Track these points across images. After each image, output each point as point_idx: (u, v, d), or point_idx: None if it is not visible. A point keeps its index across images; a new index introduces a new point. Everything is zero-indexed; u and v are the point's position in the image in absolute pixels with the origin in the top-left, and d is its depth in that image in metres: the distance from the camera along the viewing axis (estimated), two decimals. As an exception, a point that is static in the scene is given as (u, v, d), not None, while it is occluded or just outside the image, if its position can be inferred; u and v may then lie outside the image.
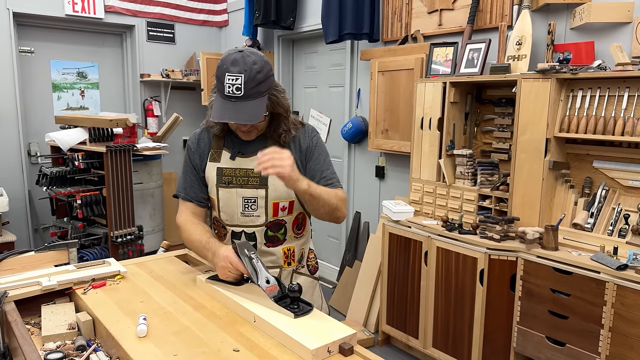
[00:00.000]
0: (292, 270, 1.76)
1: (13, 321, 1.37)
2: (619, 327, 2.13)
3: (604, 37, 2.57)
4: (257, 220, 1.67)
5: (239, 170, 1.65)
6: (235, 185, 1.65)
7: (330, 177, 1.66)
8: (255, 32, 4.68)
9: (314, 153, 1.67)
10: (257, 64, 1.46)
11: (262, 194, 1.63)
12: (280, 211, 1.67)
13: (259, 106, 1.48)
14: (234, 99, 1.46)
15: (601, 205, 2.48)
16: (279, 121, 1.62)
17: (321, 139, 1.72)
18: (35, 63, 4.63)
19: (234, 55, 1.46)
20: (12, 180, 4.33)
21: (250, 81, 1.44)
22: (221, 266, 1.49)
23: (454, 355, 2.80)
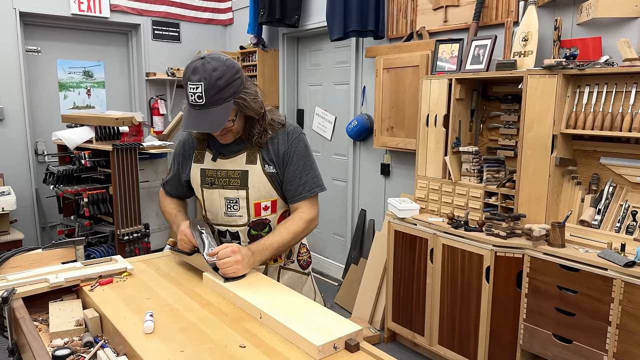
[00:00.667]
0: (278, 266, 1.78)
1: (21, 318, 1.39)
2: (627, 324, 2.12)
3: (611, 32, 2.55)
4: (239, 220, 1.70)
5: (220, 171, 1.68)
6: (218, 186, 1.69)
7: (306, 185, 1.67)
8: (260, 30, 4.68)
9: (292, 159, 1.66)
10: (218, 70, 1.45)
11: (243, 195, 1.66)
12: (263, 210, 1.69)
13: (222, 113, 1.49)
14: (197, 107, 1.48)
15: (608, 202, 2.46)
16: (252, 123, 1.62)
17: (303, 139, 1.70)
18: (42, 62, 4.66)
19: (195, 63, 1.47)
20: (20, 179, 4.37)
21: (211, 88, 1.45)
22: (179, 238, 1.72)
23: (460, 353, 2.80)
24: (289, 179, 1.67)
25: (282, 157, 1.66)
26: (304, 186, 1.67)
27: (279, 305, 1.37)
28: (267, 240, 1.63)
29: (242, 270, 1.53)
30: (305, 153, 1.69)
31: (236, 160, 1.66)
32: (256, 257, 1.59)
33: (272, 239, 1.63)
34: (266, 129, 1.63)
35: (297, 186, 1.67)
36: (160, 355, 1.16)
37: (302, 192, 1.67)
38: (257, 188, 1.65)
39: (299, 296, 1.47)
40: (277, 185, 1.68)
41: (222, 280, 1.52)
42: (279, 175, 1.67)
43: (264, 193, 1.67)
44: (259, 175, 1.65)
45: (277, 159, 1.66)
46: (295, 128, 1.71)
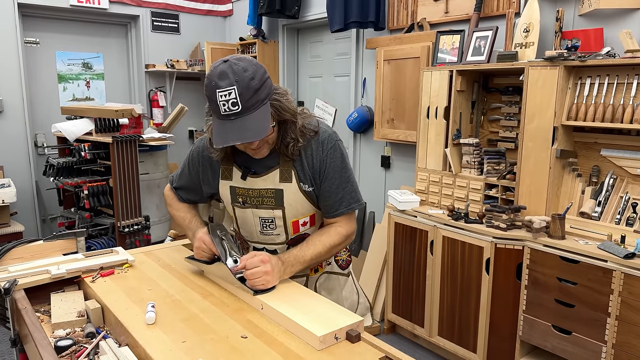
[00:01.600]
0: (318, 276, 1.65)
1: (23, 309, 1.39)
2: (626, 316, 2.13)
3: (613, 23, 2.54)
4: (277, 239, 1.56)
5: (252, 190, 1.50)
6: (251, 206, 1.53)
7: (343, 201, 1.51)
8: (259, 21, 4.66)
9: (328, 172, 1.48)
10: (248, 71, 1.27)
11: (280, 214, 1.51)
12: (302, 227, 1.55)
13: (263, 117, 1.30)
14: (232, 116, 1.28)
15: (609, 194, 2.46)
16: (285, 129, 1.42)
17: (339, 148, 1.50)
18: (41, 54, 4.64)
19: (220, 67, 1.29)
20: (20, 171, 4.36)
21: (246, 91, 1.26)
22: (196, 246, 1.55)
23: (459, 344, 2.81)
24: (325, 194, 1.50)
25: (317, 171, 1.48)
26: (341, 202, 1.51)
27: (280, 296, 1.38)
28: (300, 252, 1.47)
29: (272, 281, 1.39)
30: (341, 165, 1.50)
31: (269, 178, 1.48)
32: (287, 268, 1.44)
33: (305, 251, 1.47)
34: (298, 137, 1.42)
35: (334, 202, 1.50)
36: (162, 345, 1.17)
37: (338, 209, 1.51)
38: (293, 207, 1.50)
39: (300, 287, 1.48)
40: (314, 202, 1.53)
41: (252, 292, 1.38)
42: (316, 192, 1.51)
43: (302, 210, 1.51)
44: (295, 194, 1.49)
45: (312, 174, 1.48)
46: (331, 135, 1.50)
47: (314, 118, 1.50)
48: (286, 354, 1.14)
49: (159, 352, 1.14)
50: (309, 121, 1.48)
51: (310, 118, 1.49)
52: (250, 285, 1.39)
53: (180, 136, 5.31)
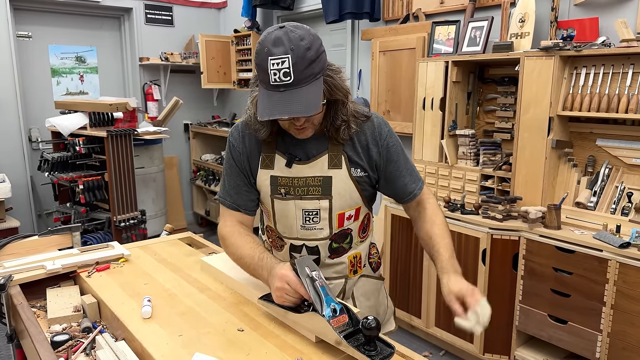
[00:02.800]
0: (358, 277, 1.54)
1: (19, 304, 1.39)
2: (621, 305, 2.14)
3: (609, 13, 2.53)
4: (319, 234, 1.42)
5: (297, 179, 1.37)
6: (294, 197, 1.38)
7: (413, 182, 1.44)
8: (254, 13, 4.62)
9: (392, 155, 1.39)
10: (305, 40, 1.15)
11: (326, 205, 1.38)
12: (346, 220, 1.43)
13: (314, 92, 1.18)
14: (282, 87, 1.16)
15: (604, 184, 2.47)
16: (336, 111, 1.30)
17: (393, 133, 1.42)
18: (33, 48, 4.59)
19: (275, 32, 1.17)
20: (14, 167, 4.34)
21: (300, 62, 1.14)
22: (277, 287, 1.22)
23: (456, 335, 2.83)
24: (392, 178, 1.41)
25: (374, 157, 1.38)
26: (411, 184, 1.43)
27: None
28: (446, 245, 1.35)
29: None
30: (400, 147, 1.43)
31: (317, 165, 1.35)
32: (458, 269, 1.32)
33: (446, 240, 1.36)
34: (349, 121, 1.31)
35: (404, 185, 1.43)
36: (158, 339, 1.17)
37: (412, 190, 1.44)
38: (342, 196, 1.37)
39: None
40: (364, 191, 1.42)
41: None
42: (370, 179, 1.41)
43: (350, 201, 1.39)
44: (345, 182, 1.37)
45: (368, 160, 1.38)
46: (383, 120, 1.42)
47: (363, 105, 1.42)
48: (283, 346, 1.15)
49: (155, 346, 1.14)
50: (360, 106, 1.39)
51: (359, 105, 1.39)
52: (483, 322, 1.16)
53: (175, 130, 5.29)
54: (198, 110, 5.50)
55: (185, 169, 5.54)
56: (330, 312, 1.12)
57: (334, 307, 1.13)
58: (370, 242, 1.60)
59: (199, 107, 5.50)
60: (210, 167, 5.16)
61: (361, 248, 1.52)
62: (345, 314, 1.14)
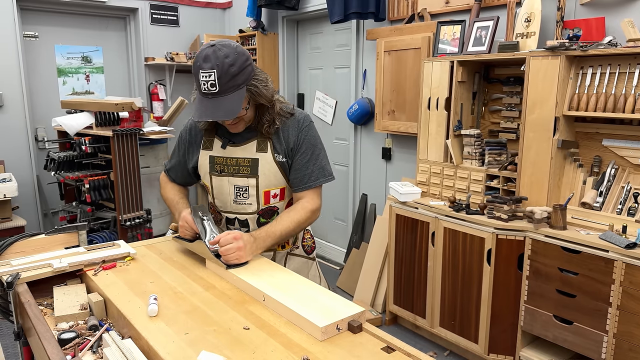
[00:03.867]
0: (286, 252, 1.79)
1: (26, 302, 1.39)
2: (627, 305, 2.13)
3: (615, 12, 2.52)
4: (249, 208, 1.70)
5: (230, 159, 1.66)
6: (227, 174, 1.68)
7: (312, 175, 1.66)
8: (259, 12, 4.63)
9: (301, 147, 1.65)
10: (230, 57, 1.43)
11: (253, 183, 1.66)
12: (272, 198, 1.69)
13: (236, 100, 1.47)
14: (210, 95, 1.46)
15: (610, 184, 2.46)
16: (262, 112, 1.60)
17: (313, 128, 1.70)
18: (40, 48, 4.62)
19: (206, 50, 1.45)
20: (21, 166, 4.36)
21: (224, 76, 1.43)
22: (180, 225, 1.69)
23: (461, 335, 2.82)
24: (296, 167, 1.66)
25: (291, 146, 1.65)
26: (310, 176, 1.66)
27: (282, 287, 1.38)
28: (270, 227, 1.62)
29: (244, 257, 1.52)
30: (313, 142, 1.68)
31: (246, 148, 1.65)
32: (259, 243, 1.58)
33: (275, 227, 1.62)
34: (274, 119, 1.61)
35: (303, 175, 1.66)
36: (164, 337, 1.17)
37: (307, 182, 1.67)
38: (267, 176, 1.65)
39: (302, 279, 1.48)
40: (286, 174, 1.68)
41: (225, 267, 1.51)
42: (289, 164, 1.67)
43: (274, 181, 1.66)
44: (270, 164, 1.64)
45: (287, 148, 1.65)
46: (305, 116, 1.69)
47: (290, 104, 1.70)
48: (288, 344, 1.15)
49: (161, 344, 1.14)
50: (285, 105, 1.66)
51: (286, 103, 1.68)
52: (224, 260, 1.51)
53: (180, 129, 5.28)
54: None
55: (190, 169, 5.55)
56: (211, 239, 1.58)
57: (214, 236, 1.58)
58: None
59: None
60: (215, 167, 5.16)
61: None
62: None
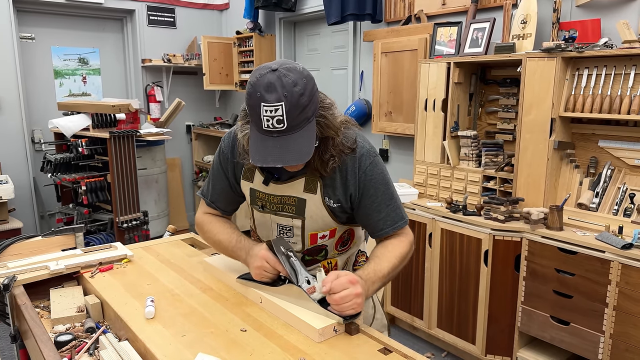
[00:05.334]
0: None
1: (23, 304, 1.39)
2: (624, 306, 2.14)
3: (611, 14, 2.53)
4: (294, 246, 1.43)
5: (273, 197, 1.40)
6: (270, 211, 1.42)
7: (388, 219, 1.38)
8: (256, 14, 4.63)
9: (368, 189, 1.34)
10: (299, 85, 1.13)
11: (299, 224, 1.40)
12: (320, 239, 1.43)
13: (307, 137, 1.18)
14: (275, 133, 1.15)
15: (606, 185, 2.47)
16: (326, 146, 1.28)
17: (378, 164, 1.37)
18: (36, 49, 4.61)
19: (268, 76, 1.13)
20: (17, 168, 4.35)
21: (294, 109, 1.12)
22: (257, 266, 1.34)
23: (458, 336, 2.83)
24: (366, 212, 1.37)
25: (350, 190, 1.35)
26: (385, 220, 1.38)
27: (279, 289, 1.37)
28: (377, 266, 1.31)
29: (362, 305, 1.21)
30: (382, 181, 1.36)
31: (293, 186, 1.36)
32: (369, 287, 1.27)
33: (381, 264, 1.32)
34: (336, 156, 1.29)
35: (377, 221, 1.38)
36: (162, 339, 1.17)
37: (383, 228, 1.38)
38: (314, 219, 1.38)
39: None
40: (337, 218, 1.40)
41: (341, 320, 1.20)
42: (343, 209, 1.39)
43: (322, 225, 1.40)
44: (318, 207, 1.36)
45: (343, 192, 1.35)
46: (368, 151, 1.35)
47: (353, 130, 1.35)
48: (286, 346, 1.15)
49: (158, 346, 1.14)
50: (348, 135, 1.32)
51: (349, 131, 1.34)
52: (338, 310, 1.20)
53: (177, 131, 5.30)
54: (200, 112, 5.51)
55: (188, 170, 5.55)
56: (306, 283, 1.29)
57: (307, 278, 1.29)
58: (356, 250, 1.59)
59: (201, 108, 5.51)
60: (212, 169, 5.15)
61: (339, 257, 1.53)
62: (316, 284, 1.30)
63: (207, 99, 5.54)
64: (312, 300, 1.24)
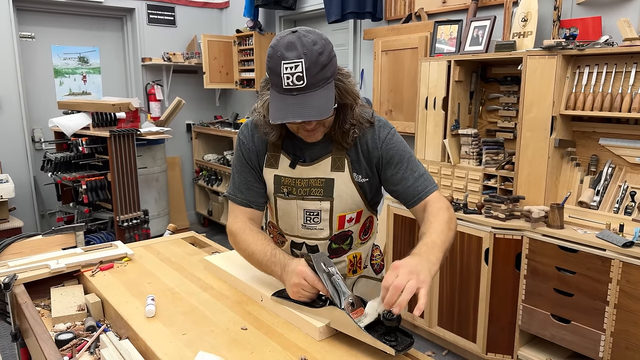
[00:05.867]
0: (356, 277, 1.54)
1: (23, 303, 1.39)
2: (624, 304, 2.14)
3: (612, 12, 2.52)
4: (320, 234, 1.43)
5: (300, 180, 1.39)
6: (296, 197, 1.40)
7: (420, 184, 1.35)
8: (256, 13, 4.63)
9: (394, 157, 1.35)
10: (318, 44, 1.17)
11: (327, 207, 1.39)
12: (347, 223, 1.43)
13: (327, 96, 1.20)
14: (295, 91, 1.17)
15: (607, 183, 2.47)
16: (345, 114, 1.30)
17: (396, 135, 1.39)
18: (36, 48, 4.61)
19: (288, 37, 1.18)
20: (17, 167, 4.35)
21: (313, 66, 1.16)
22: (294, 283, 1.24)
23: (459, 334, 2.83)
24: (395, 181, 1.36)
25: (375, 161, 1.37)
26: (415, 187, 1.35)
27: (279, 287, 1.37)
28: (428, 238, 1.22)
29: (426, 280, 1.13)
30: (404, 149, 1.37)
31: (320, 167, 1.37)
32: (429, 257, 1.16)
33: (431, 236, 1.23)
34: (356, 125, 1.32)
35: (407, 188, 1.35)
36: (162, 338, 1.17)
37: (415, 194, 1.35)
38: (343, 199, 1.38)
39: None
40: (366, 196, 1.42)
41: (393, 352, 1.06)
42: (371, 184, 1.40)
43: (351, 204, 1.40)
44: (347, 185, 1.37)
45: (368, 165, 1.37)
46: (385, 123, 1.39)
47: (368, 108, 1.39)
48: (286, 344, 1.15)
49: (159, 344, 1.14)
50: (365, 110, 1.36)
51: (365, 107, 1.37)
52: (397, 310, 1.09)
53: (177, 130, 5.30)
54: (200, 111, 5.51)
55: (188, 169, 5.55)
56: (349, 305, 1.15)
57: (351, 300, 1.16)
58: (372, 243, 1.60)
59: (201, 107, 5.51)
60: (213, 167, 5.16)
61: (362, 249, 1.53)
62: (363, 307, 1.16)
63: (207, 97, 5.54)
64: (358, 325, 1.09)
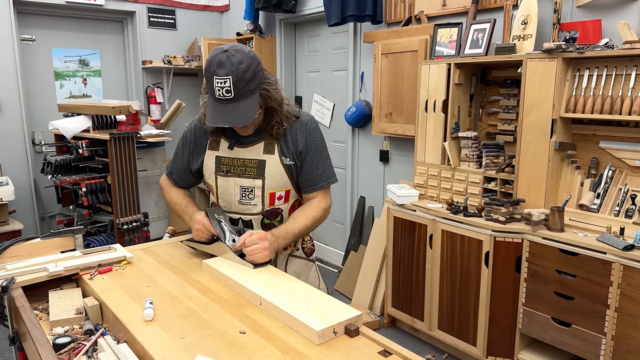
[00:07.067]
0: (287, 254, 1.80)
1: (21, 307, 1.38)
2: (625, 307, 2.13)
3: (612, 14, 2.52)
4: (253, 209, 1.71)
5: (237, 160, 1.68)
6: (233, 174, 1.69)
7: (323, 176, 1.72)
8: (256, 16, 4.63)
9: (310, 149, 1.69)
10: (244, 63, 1.45)
11: (259, 184, 1.67)
12: (277, 200, 1.71)
13: (250, 105, 1.49)
14: (225, 101, 1.47)
15: (607, 186, 2.46)
16: (271, 114, 1.62)
17: (319, 130, 1.73)
18: (37, 51, 4.61)
19: (219, 56, 1.46)
20: (18, 169, 4.35)
21: (239, 82, 1.45)
22: (196, 228, 1.69)
23: (459, 337, 2.82)
24: (307, 169, 1.69)
25: (300, 149, 1.67)
26: (321, 176, 1.71)
27: (278, 291, 1.38)
28: (289, 225, 1.67)
29: (269, 255, 1.57)
30: (321, 144, 1.72)
31: (254, 150, 1.66)
32: (280, 241, 1.62)
33: (293, 224, 1.67)
34: (282, 121, 1.63)
35: (314, 176, 1.70)
36: (160, 342, 1.16)
37: (319, 182, 1.71)
38: (273, 178, 1.66)
39: (298, 282, 1.48)
40: (292, 176, 1.70)
41: (252, 266, 1.54)
42: (296, 167, 1.69)
43: (280, 183, 1.68)
44: (276, 166, 1.66)
45: (295, 151, 1.67)
46: (311, 119, 1.72)
47: (295, 106, 1.72)
48: (285, 348, 1.14)
49: (157, 348, 1.13)
50: (292, 108, 1.69)
51: (291, 106, 1.70)
52: (250, 260, 1.55)
53: (178, 132, 5.28)
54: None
55: (188, 172, 5.54)
56: (232, 241, 1.62)
57: (233, 238, 1.63)
58: None
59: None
60: (213, 170, 5.15)
61: None
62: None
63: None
64: (234, 253, 1.58)
